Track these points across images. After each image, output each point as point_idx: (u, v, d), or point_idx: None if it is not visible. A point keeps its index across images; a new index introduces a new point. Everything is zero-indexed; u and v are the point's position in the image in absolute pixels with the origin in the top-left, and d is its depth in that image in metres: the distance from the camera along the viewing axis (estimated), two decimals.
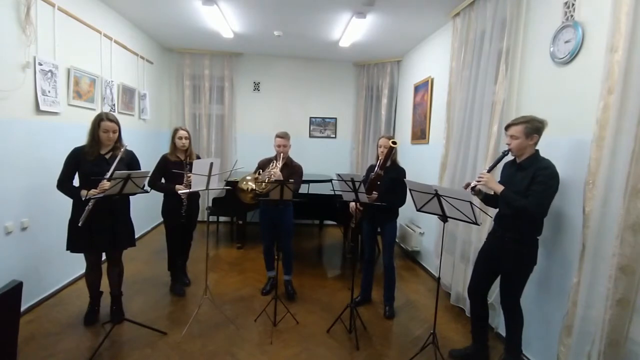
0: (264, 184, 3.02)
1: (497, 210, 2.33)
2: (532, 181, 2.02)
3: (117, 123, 2.55)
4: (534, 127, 2.06)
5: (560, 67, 2.29)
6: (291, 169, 3.20)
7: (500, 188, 2.12)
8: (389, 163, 2.95)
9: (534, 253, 2.14)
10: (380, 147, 2.96)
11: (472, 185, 2.22)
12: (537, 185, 2.00)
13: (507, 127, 2.17)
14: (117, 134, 2.54)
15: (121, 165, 2.48)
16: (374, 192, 2.84)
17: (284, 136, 3.18)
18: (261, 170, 3.22)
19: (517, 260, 2.15)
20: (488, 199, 2.39)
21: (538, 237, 2.15)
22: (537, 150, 2.13)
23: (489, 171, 2.22)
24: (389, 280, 3.13)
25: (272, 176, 3.01)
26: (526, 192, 2.04)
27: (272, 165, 3.16)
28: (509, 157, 2.27)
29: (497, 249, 2.25)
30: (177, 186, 3.03)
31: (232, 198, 4.51)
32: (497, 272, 2.32)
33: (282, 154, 3.14)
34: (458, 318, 3.12)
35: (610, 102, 1.81)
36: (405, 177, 2.97)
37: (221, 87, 5.76)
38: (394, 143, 2.85)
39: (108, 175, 2.31)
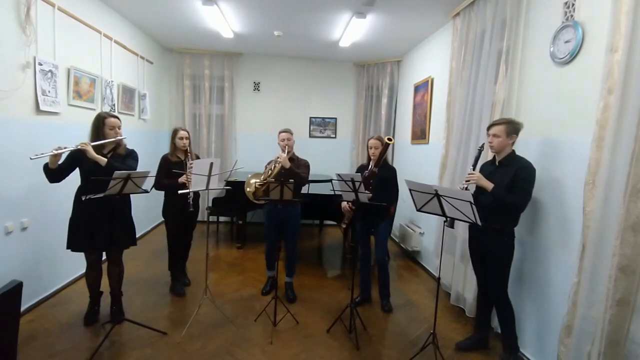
0: (270, 171, 3.11)
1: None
2: (515, 178, 2.22)
3: (119, 119, 2.61)
4: (513, 128, 2.28)
5: (560, 67, 2.29)
6: (297, 163, 3.22)
7: (490, 185, 2.28)
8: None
9: (511, 242, 2.34)
10: (371, 148, 3.04)
11: (465, 186, 2.35)
12: (522, 182, 2.20)
13: (489, 127, 2.37)
14: (121, 130, 2.59)
15: (119, 160, 2.55)
16: (366, 192, 2.86)
17: (287, 131, 3.22)
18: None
19: (498, 250, 2.33)
20: None
21: (514, 228, 2.33)
22: (513, 150, 2.34)
23: (474, 169, 2.38)
24: (383, 276, 3.18)
25: (279, 158, 3.06)
26: (509, 187, 2.23)
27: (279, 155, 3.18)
28: (485, 157, 2.48)
29: (481, 242, 2.41)
30: (180, 179, 3.00)
31: (232, 198, 4.53)
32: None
33: (286, 147, 3.15)
34: (458, 318, 3.12)
35: (610, 102, 1.81)
36: (395, 176, 3.03)
37: (221, 87, 5.76)
38: (390, 140, 2.88)
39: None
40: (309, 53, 5.63)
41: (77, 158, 2.48)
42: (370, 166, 3.00)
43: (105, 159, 2.45)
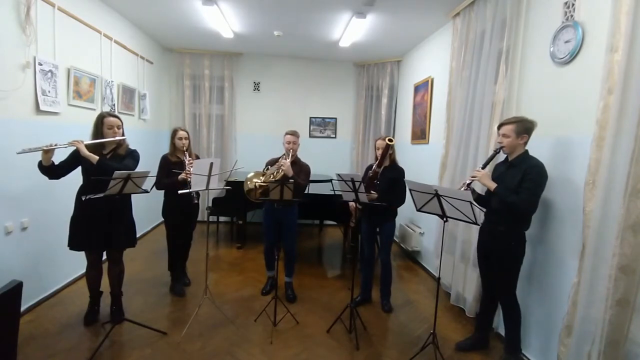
0: (271, 176, 3.09)
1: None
2: (523, 178, 2.14)
3: (120, 119, 2.59)
4: (524, 127, 2.20)
5: (560, 67, 2.29)
6: (299, 168, 3.21)
7: (493, 185, 2.24)
8: (387, 163, 3.00)
9: (522, 246, 2.27)
10: (378, 148, 3.02)
11: (468, 182, 2.31)
12: (528, 182, 2.13)
13: (500, 126, 2.31)
14: (121, 130, 2.57)
15: (118, 160, 2.53)
16: (373, 192, 2.86)
17: (293, 134, 3.21)
18: (269, 167, 3.25)
19: (507, 254, 2.27)
20: (479, 200, 2.45)
21: (525, 232, 2.26)
22: (526, 150, 2.26)
23: (482, 168, 2.33)
24: (385, 276, 3.19)
25: (282, 166, 3.05)
26: (517, 188, 2.16)
27: (282, 158, 3.17)
28: (501, 158, 2.40)
29: (489, 243, 2.37)
30: (180, 176, 3.00)
31: (232, 198, 4.53)
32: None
33: (290, 151, 3.14)
34: (458, 318, 3.12)
35: (610, 102, 1.81)
36: (404, 177, 3.01)
37: (221, 87, 5.76)
38: (390, 141, 2.88)
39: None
40: (309, 53, 5.62)
41: (77, 156, 2.48)
42: (373, 166, 3.00)
43: (97, 157, 2.42)
